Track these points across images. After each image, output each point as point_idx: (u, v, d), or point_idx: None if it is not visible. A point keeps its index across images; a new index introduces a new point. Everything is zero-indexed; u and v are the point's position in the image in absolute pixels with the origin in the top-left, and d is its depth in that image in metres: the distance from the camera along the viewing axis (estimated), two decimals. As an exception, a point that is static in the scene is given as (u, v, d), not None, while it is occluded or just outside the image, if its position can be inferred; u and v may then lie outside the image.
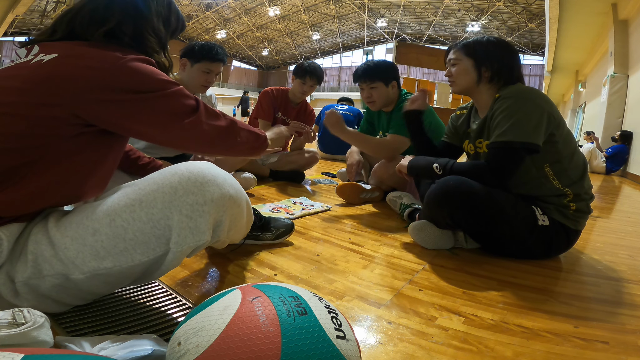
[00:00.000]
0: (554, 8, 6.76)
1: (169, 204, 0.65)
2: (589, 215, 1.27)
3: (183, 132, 0.73)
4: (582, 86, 10.29)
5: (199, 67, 1.77)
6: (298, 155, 2.52)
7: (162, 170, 0.70)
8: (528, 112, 1.14)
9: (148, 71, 0.69)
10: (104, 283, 0.67)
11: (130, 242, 0.65)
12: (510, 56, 1.27)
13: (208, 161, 0.85)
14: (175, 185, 0.66)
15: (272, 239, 1.22)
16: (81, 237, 0.64)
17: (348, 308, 0.87)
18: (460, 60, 1.30)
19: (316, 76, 2.32)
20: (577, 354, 0.74)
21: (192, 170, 0.69)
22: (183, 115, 0.73)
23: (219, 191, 0.69)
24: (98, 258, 0.64)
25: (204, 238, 0.67)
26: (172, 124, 0.72)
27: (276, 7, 25.60)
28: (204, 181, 0.68)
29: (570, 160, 1.21)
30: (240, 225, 0.82)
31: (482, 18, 21.80)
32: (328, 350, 0.45)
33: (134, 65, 0.67)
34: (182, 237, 0.66)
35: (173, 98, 0.72)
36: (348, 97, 4.84)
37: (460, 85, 1.33)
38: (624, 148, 5.20)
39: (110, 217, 0.65)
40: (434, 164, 1.28)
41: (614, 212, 2.50)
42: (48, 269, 0.63)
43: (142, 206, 0.65)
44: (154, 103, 0.69)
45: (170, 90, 0.72)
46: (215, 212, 0.69)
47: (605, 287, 1.09)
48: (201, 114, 0.75)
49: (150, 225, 0.65)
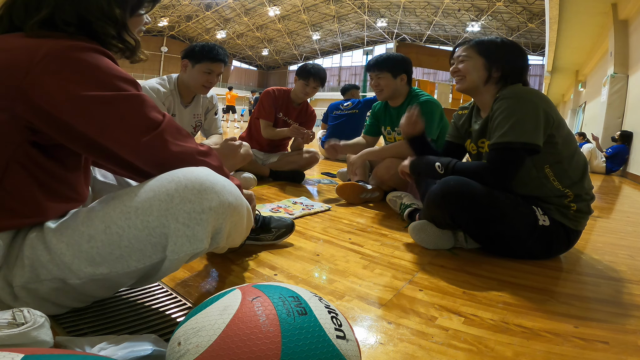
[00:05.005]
0: (554, 8, 6.76)
1: (165, 212, 0.63)
2: (590, 216, 1.27)
3: (141, 150, 0.65)
4: (582, 86, 10.30)
5: (200, 68, 1.78)
6: (298, 155, 2.53)
7: (160, 177, 0.67)
8: (527, 112, 1.14)
9: (102, 63, 0.62)
10: (101, 287, 0.67)
11: (126, 249, 0.63)
12: (522, 59, 1.27)
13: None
14: (171, 193, 0.64)
15: (273, 239, 1.22)
16: (77, 244, 0.63)
17: (348, 308, 0.86)
18: (471, 57, 1.28)
19: (320, 78, 2.34)
20: (577, 354, 0.74)
21: (189, 177, 0.65)
22: (142, 130, 0.65)
23: (217, 199, 0.66)
24: (94, 264, 0.63)
25: (201, 246, 0.65)
26: (126, 136, 0.64)
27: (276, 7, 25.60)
28: (201, 189, 0.65)
29: (570, 161, 1.21)
30: (240, 231, 0.80)
31: (482, 18, 21.80)
32: (328, 350, 0.45)
33: (79, 53, 0.60)
34: (179, 245, 0.64)
35: (133, 103, 0.64)
36: (352, 84, 4.82)
37: (467, 83, 1.30)
38: (624, 148, 5.20)
39: (105, 224, 0.64)
40: (436, 163, 1.28)
41: (614, 212, 2.50)
42: (45, 274, 0.63)
43: (138, 214, 0.63)
44: (107, 105, 0.62)
45: (130, 92, 0.64)
46: (214, 220, 0.67)
47: (605, 287, 1.09)
48: (165, 131, 0.67)
49: (145, 232, 0.63)
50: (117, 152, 0.64)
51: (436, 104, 1.94)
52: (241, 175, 2.05)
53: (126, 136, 0.64)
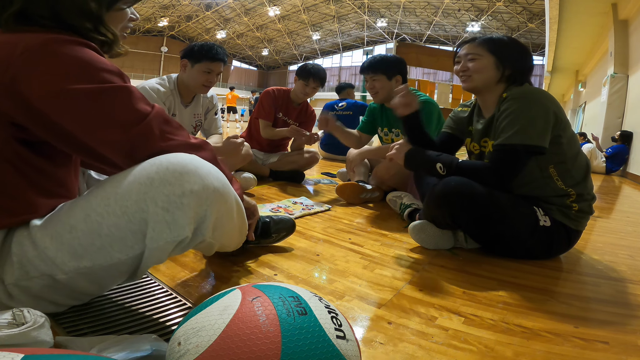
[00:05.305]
0: (554, 8, 6.77)
1: (143, 195, 0.60)
2: (590, 216, 1.27)
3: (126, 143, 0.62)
4: (582, 86, 10.30)
5: (199, 68, 1.77)
6: (298, 155, 2.53)
7: (144, 162, 0.63)
8: (535, 114, 1.13)
9: (83, 55, 0.59)
10: (90, 282, 0.65)
11: (107, 239, 0.61)
12: (529, 59, 1.26)
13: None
14: (152, 176, 0.60)
15: (273, 242, 1.22)
16: (59, 235, 0.61)
17: (348, 308, 0.86)
18: (481, 55, 1.23)
19: (319, 78, 2.34)
20: (577, 354, 0.74)
21: (172, 160, 0.62)
22: (129, 122, 0.62)
23: (200, 182, 0.62)
24: (76, 257, 0.61)
25: (183, 233, 0.62)
26: (111, 129, 0.61)
27: (276, 7, 25.62)
28: (183, 171, 0.61)
29: (574, 161, 1.21)
30: (230, 227, 0.76)
31: (482, 18, 21.81)
32: (328, 350, 0.45)
33: (58, 46, 0.58)
34: (158, 231, 0.60)
35: (118, 94, 0.61)
36: (348, 82, 4.76)
37: (477, 82, 1.25)
38: (624, 148, 5.20)
39: (85, 212, 0.61)
40: (438, 164, 1.24)
41: (614, 212, 2.50)
42: (33, 271, 0.61)
43: (117, 199, 0.60)
44: (90, 98, 0.59)
45: (115, 83, 0.61)
46: (196, 205, 0.63)
47: (605, 287, 1.09)
48: (153, 123, 0.64)
49: (125, 219, 0.60)
50: (101, 147, 0.62)
51: (434, 104, 1.94)
52: (241, 175, 2.05)
53: (111, 130, 0.61)
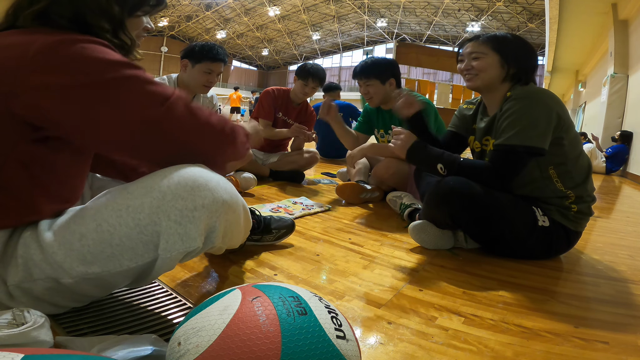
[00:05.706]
0: (554, 8, 6.77)
1: (156, 209, 0.62)
2: (590, 217, 1.27)
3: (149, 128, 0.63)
4: (582, 86, 10.30)
5: (200, 68, 1.78)
6: (298, 155, 2.53)
7: (153, 174, 0.66)
8: (538, 115, 1.12)
9: (93, 52, 0.60)
10: (95, 287, 0.66)
11: (117, 248, 0.63)
12: (534, 57, 1.26)
13: None
14: (164, 190, 0.63)
15: (273, 240, 1.22)
16: (68, 242, 0.62)
17: (348, 308, 0.86)
18: (485, 54, 1.22)
19: (319, 78, 2.34)
20: (577, 354, 0.74)
21: (182, 174, 0.65)
22: (150, 105, 0.63)
23: (211, 196, 0.65)
24: (85, 263, 0.62)
25: (194, 244, 0.65)
26: (132, 117, 0.62)
27: (276, 7, 25.61)
28: (194, 185, 0.64)
29: (575, 162, 1.20)
30: (238, 231, 0.78)
31: (482, 18, 21.80)
32: (328, 350, 0.45)
33: (70, 46, 0.59)
34: (171, 243, 0.63)
35: (132, 83, 0.62)
36: (333, 82, 4.65)
37: (482, 80, 1.23)
38: (624, 148, 5.20)
39: (96, 222, 0.63)
40: (439, 164, 1.23)
41: (614, 212, 2.50)
42: (38, 273, 0.62)
43: (129, 211, 0.63)
44: (105, 91, 0.60)
45: (127, 73, 0.62)
46: (207, 217, 0.66)
47: (605, 287, 1.09)
48: (176, 103, 0.65)
49: (137, 230, 0.62)
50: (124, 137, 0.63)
51: (430, 105, 1.94)
52: (241, 175, 2.05)
53: (136, 114, 0.62)
